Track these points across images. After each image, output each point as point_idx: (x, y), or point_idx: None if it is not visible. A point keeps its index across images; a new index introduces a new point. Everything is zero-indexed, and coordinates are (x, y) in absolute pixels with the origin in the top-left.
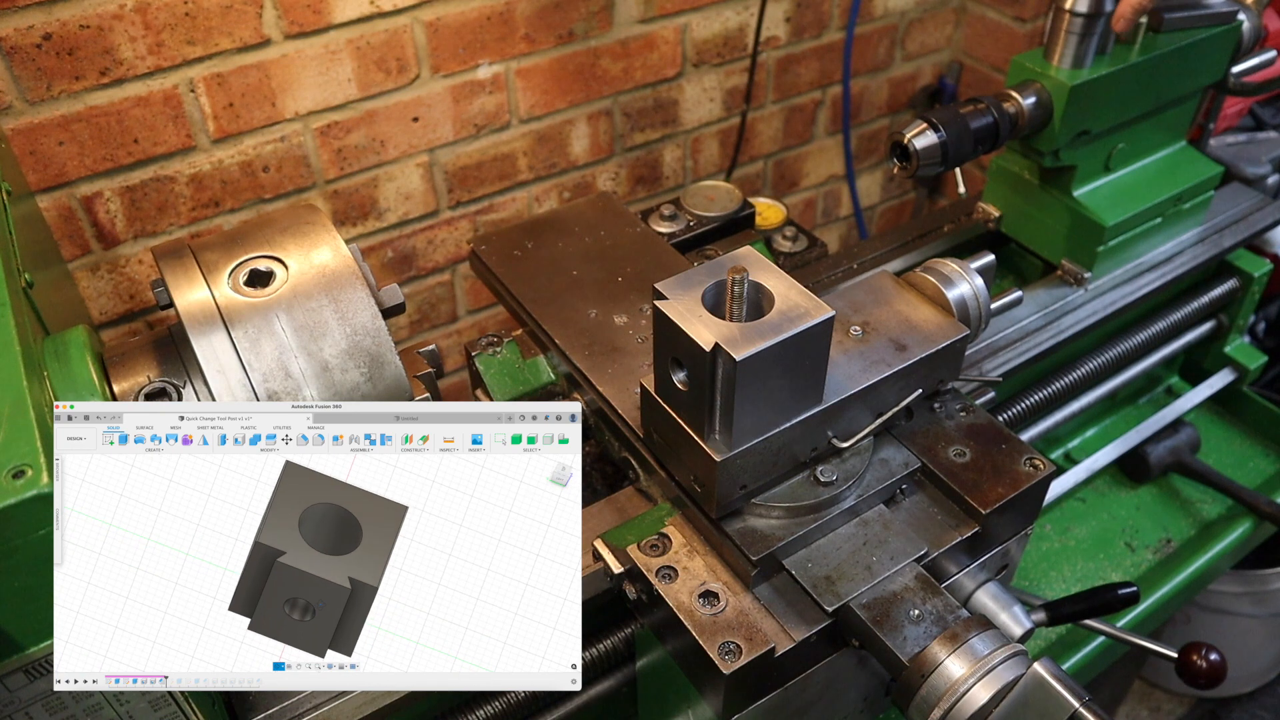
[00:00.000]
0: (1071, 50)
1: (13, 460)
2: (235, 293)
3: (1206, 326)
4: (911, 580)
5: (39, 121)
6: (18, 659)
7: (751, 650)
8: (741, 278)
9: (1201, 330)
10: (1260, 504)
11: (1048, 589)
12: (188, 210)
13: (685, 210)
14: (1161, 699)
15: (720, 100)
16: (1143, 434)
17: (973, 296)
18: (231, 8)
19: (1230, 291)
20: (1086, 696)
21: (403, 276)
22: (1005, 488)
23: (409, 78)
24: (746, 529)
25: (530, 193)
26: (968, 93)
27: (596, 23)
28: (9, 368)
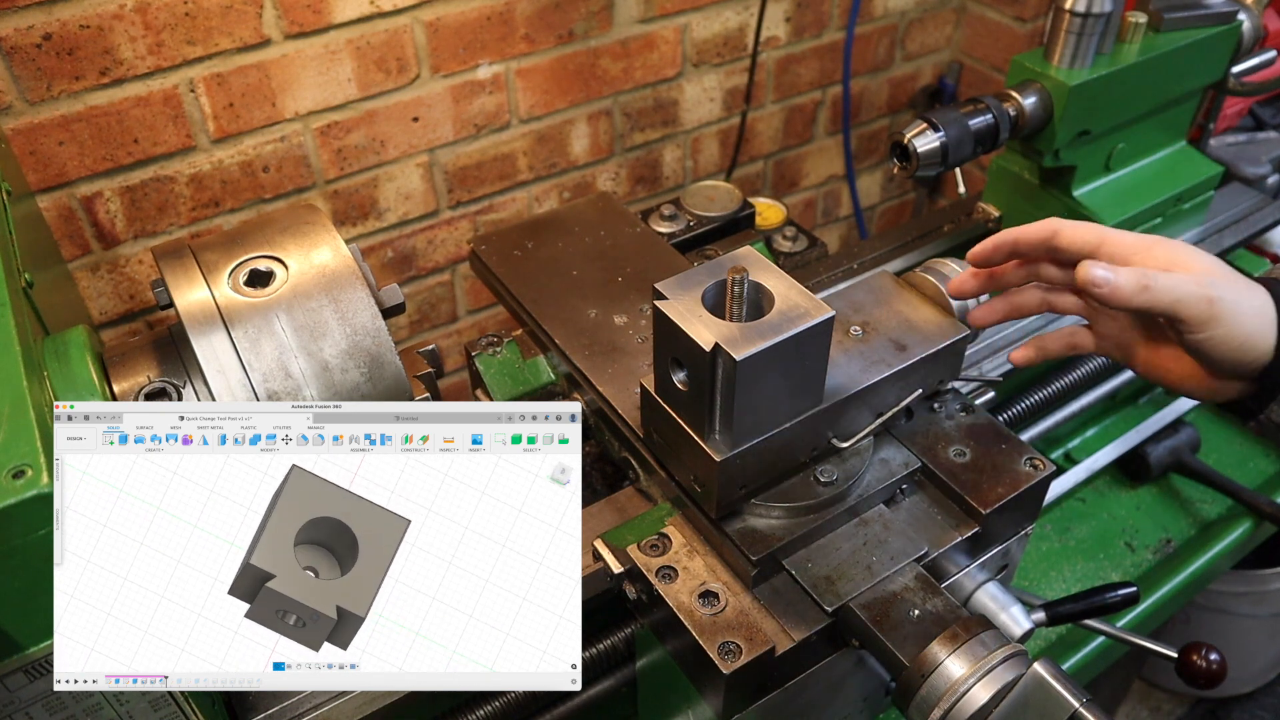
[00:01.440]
0: (1071, 50)
1: (13, 460)
2: (235, 293)
3: None
4: (911, 580)
5: (39, 121)
6: (18, 659)
7: (751, 650)
8: (741, 278)
9: None
10: (1260, 504)
11: (1048, 589)
12: (188, 210)
13: (685, 210)
14: (1161, 699)
15: (720, 100)
16: (1143, 434)
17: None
18: (231, 8)
19: None
20: (1086, 696)
21: (403, 276)
22: (1005, 488)
23: (409, 78)
24: (746, 529)
25: (530, 193)
26: (968, 93)
27: (596, 23)
28: (9, 368)
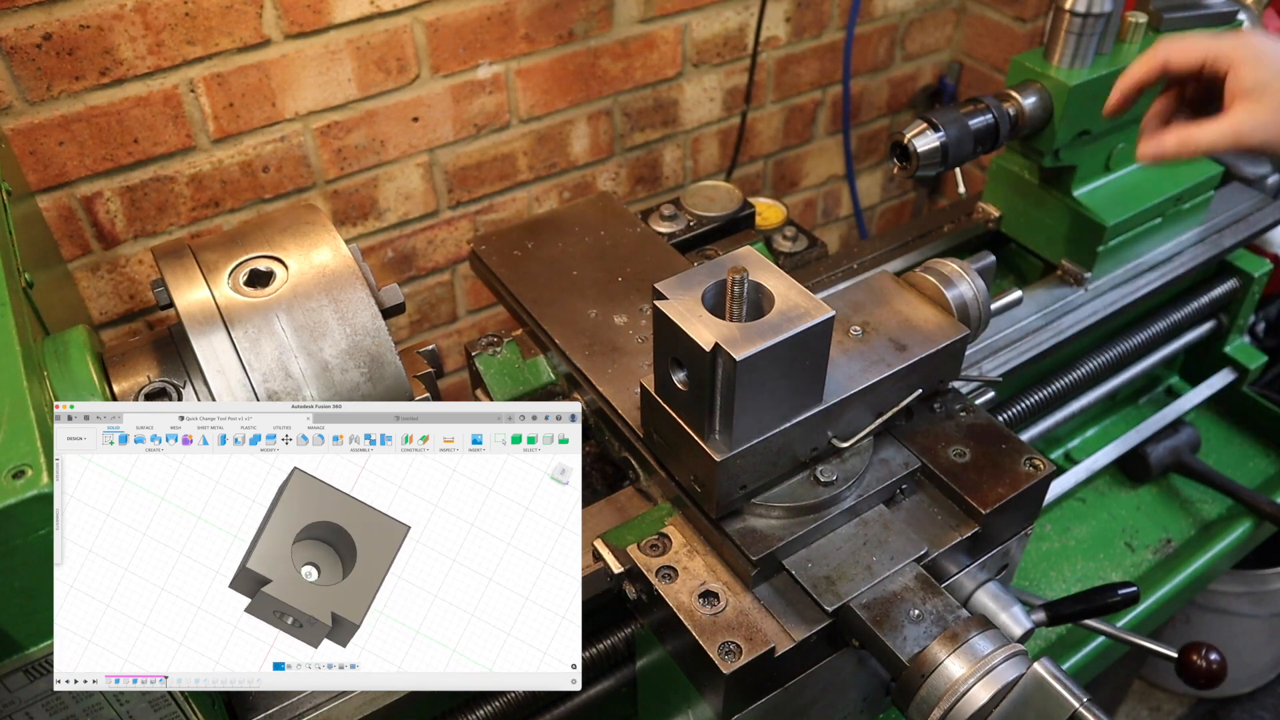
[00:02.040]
0: (1071, 50)
1: (13, 460)
2: (235, 293)
3: (1206, 326)
4: (911, 580)
5: (39, 121)
6: (18, 659)
7: (751, 650)
8: (741, 278)
9: (1201, 330)
10: (1260, 504)
11: (1048, 589)
12: (188, 210)
13: (685, 210)
14: (1161, 699)
15: (720, 100)
16: (1143, 434)
17: (973, 296)
18: (231, 8)
19: (1230, 291)
20: (1086, 696)
21: (403, 276)
22: (1005, 488)
23: (409, 78)
24: (746, 529)
25: (530, 193)
26: (968, 93)
27: (596, 23)
28: (9, 368)
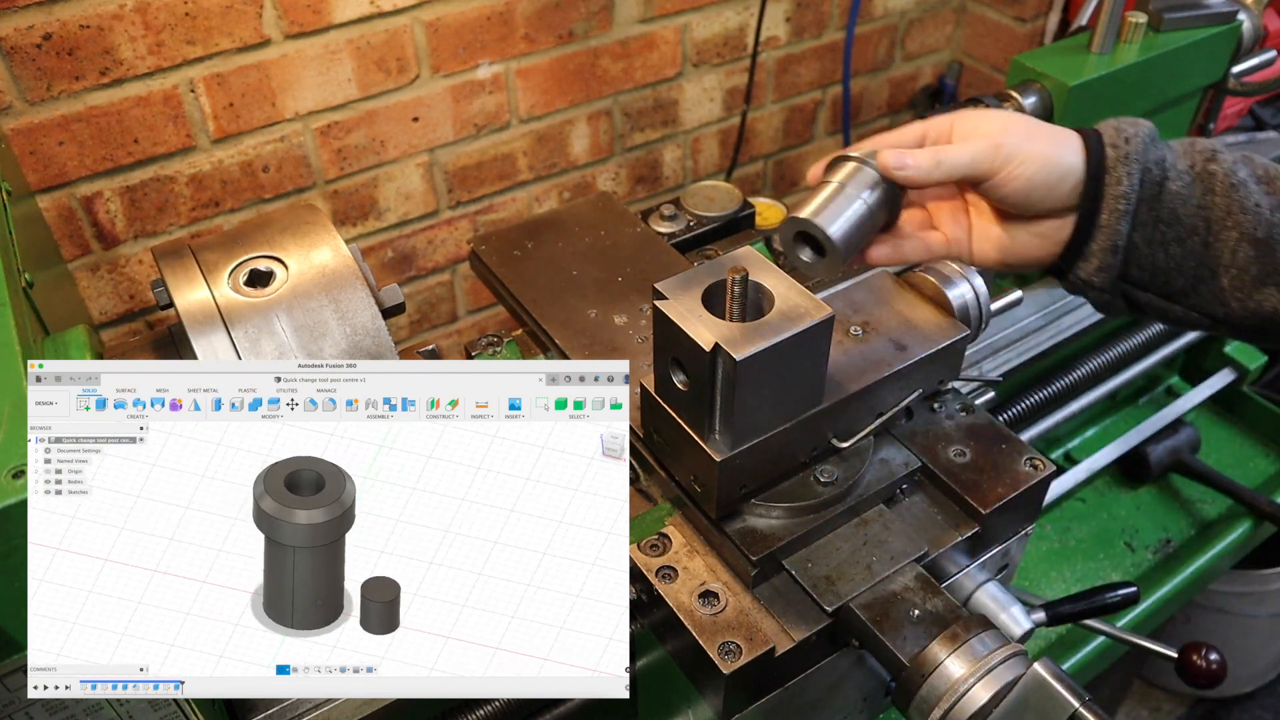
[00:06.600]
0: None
1: (13, 460)
2: (235, 293)
3: None
4: (911, 580)
5: (39, 121)
6: (18, 659)
7: (751, 650)
8: (741, 278)
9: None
10: (1260, 504)
11: (1048, 589)
12: (188, 210)
13: (685, 210)
14: (1161, 699)
15: (720, 100)
16: (1143, 434)
17: (973, 296)
18: (231, 8)
19: None
20: (1086, 696)
21: (403, 276)
22: (1005, 488)
23: (409, 78)
24: (746, 529)
25: (530, 193)
26: (968, 93)
27: (596, 23)
28: (9, 368)
